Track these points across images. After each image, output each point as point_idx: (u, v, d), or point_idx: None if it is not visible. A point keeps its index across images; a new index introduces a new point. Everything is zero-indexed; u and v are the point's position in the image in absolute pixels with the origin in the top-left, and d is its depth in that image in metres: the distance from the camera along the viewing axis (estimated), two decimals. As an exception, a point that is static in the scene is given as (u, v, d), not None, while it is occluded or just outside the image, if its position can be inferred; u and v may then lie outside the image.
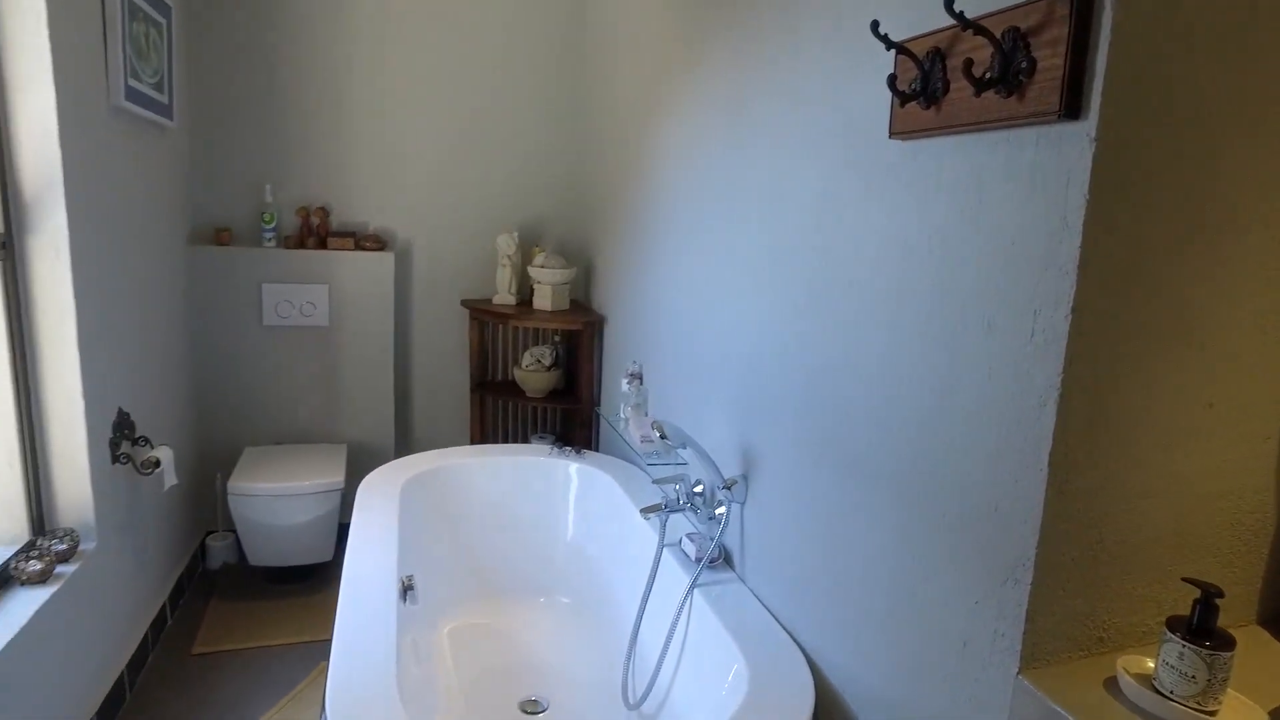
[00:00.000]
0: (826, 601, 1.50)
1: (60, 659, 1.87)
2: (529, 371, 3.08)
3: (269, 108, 3.04)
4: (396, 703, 1.33)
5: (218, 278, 3.00)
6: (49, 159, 1.88)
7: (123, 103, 2.21)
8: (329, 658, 1.46)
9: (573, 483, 2.57)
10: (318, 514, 2.79)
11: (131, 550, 2.35)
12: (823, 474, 1.50)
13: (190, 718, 2.23)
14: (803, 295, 1.57)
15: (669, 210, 2.33)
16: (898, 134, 1.24)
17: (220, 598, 2.87)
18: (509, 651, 2.27)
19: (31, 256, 1.91)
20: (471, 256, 3.34)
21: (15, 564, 1.84)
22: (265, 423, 3.15)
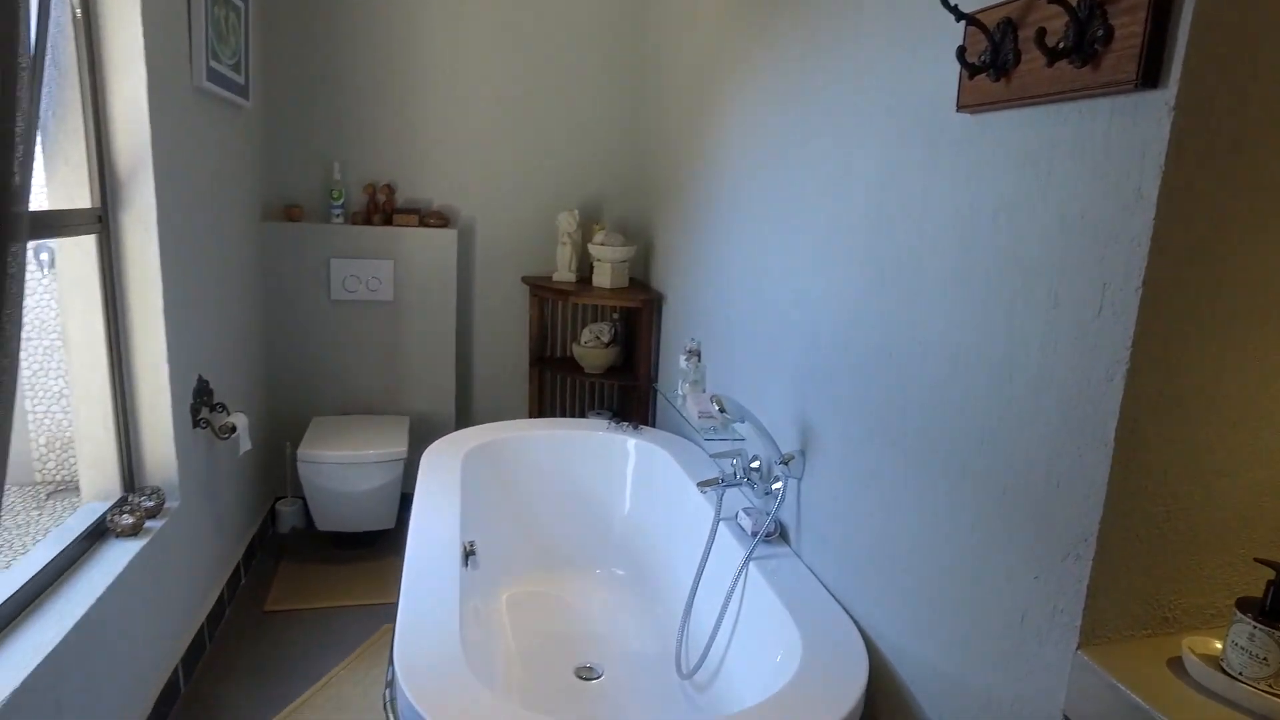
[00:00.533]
0: (882, 576, 1.50)
1: (150, 607, 1.99)
2: (587, 348, 3.12)
3: (338, 87, 3.12)
4: (461, 662, 1.38)
5: (288, 253, 3.11)
6: (140, 138, 1.97)
7: (204, 83, 2.30)
8: (394, 619, 1.52)
9: (630, 457, 2.60)
10: (382, 482, 2.89)
11: (210, 511, 2.48)
12: (881, 449, 1.50)
13: (264, 670, 2.35)
14: (864, 271, 1.57)
15: (729, 188, 2.33)
16: (965, 107, 1.22)
17: (289, 560, 3.00)
18: (565, 620, 2.33)
19: (123, 230, 2.02)
20: (532, 234, 3.39)
21: (111, 517, 1.95)
22: (332, 394, 3.26)
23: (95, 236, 1.96)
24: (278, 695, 2.24)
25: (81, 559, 1.86)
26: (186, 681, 2.25)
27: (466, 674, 1.34)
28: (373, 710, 2.18)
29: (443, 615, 1.53)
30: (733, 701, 1.71)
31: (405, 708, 1.29)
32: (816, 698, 1.33)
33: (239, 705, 2.19)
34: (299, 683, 2.30)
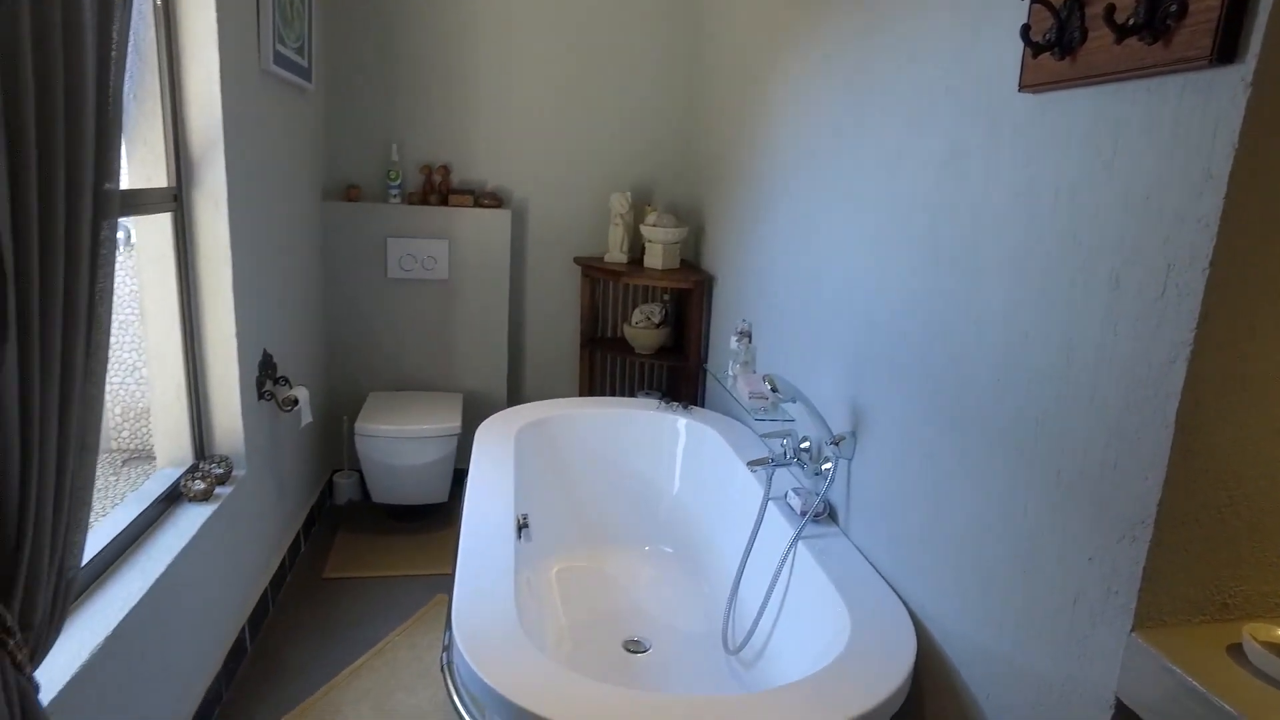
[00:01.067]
0: (932, 557, 1.51)
1: (219, 569, 2.08)
2: (638, 328, 3.15)
3: (397, 71, 3.18)
4: (516, 626, 1.43)
5: (347, 232, 3.19)
6: (212, 120, 2.05)
7: (271, 67, 2.37)
8: (447, 589, 1.58)
9: (680, 437, 2.63)
10: (436, 456, 2.96)
11: (273, 480, 2.57)
12: (935, 430, 1.50)
13: (323, 632, 2.44)
14: (922, 252, 1.56)
15: (783, 170, 2.33)
16: (1028, 87, 1.21)
17: (346, 530, 3.10)
18: (613, 594, 2.37)
19: (196, 209, 2.10)
20: (585, 215, 3.42)
21: (184, 482, 2.05)
22: (388, 370, 3.35)
23: (171, 215, 2.04)
24: (336, 658, 2.33)
25: (158, 521, 1.95)
26: (252, 641, 2.35)
27: (522, 639, 1.39)
28: (426, 675, 2.25)
29: (498, 584, 1.58)
30: (779, 677, 1.74)
31: (464, 671, 1.34)
32: (864, 674, 1.35)
33: (300, 665, 2.28)
34: (356, 647, 2.39)
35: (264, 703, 2.12)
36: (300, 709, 2.09)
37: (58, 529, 1.13)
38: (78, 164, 1.11)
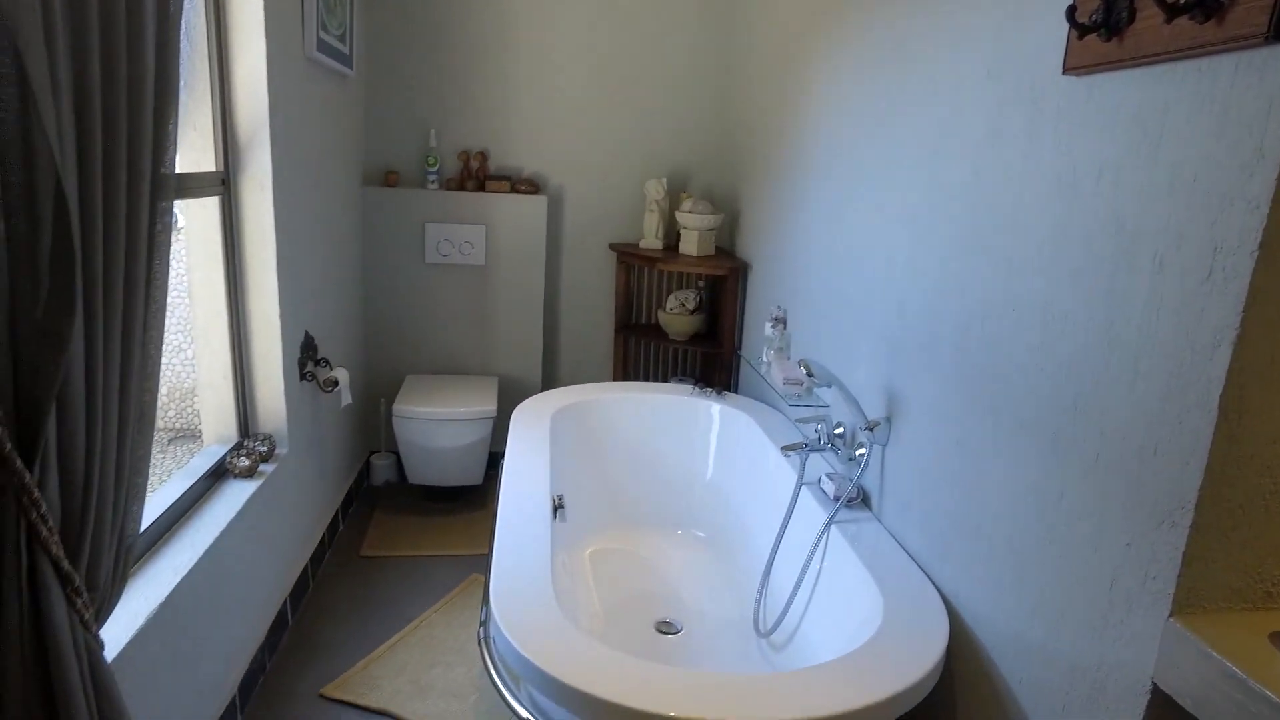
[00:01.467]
0: (965, 542, 1.51)
1: (263, 544, 2.14)
2: (673, 315, 3.16)
3: (436, 57, 3.21)
4: (553, 602, 1.46)
5: (386, 217, 3.24)
6: (259, 106, 2.09)
7: (314, 54, 2.41)
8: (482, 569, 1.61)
9: (714, 422, 2.64)
10: (472, 439, 3.01)
11: (314, 459, 2.63)
12: (971, 416, 1.50)
13: (361, 609, 2.50)
14: (959, 237, 1.55)
15: (818, 157, 2.32)
16: (1073, 69, 1.20)
17: (382, 511, 3.16)
18: (646, 576, 2.40)
19: (242, 193, 2.15)
20: (620, 202, 3.44)
21: (230, 459, 2.11)
22: (425, 353, 3.40)
23: (218, 199, 2.09)
24: (374, 633, 2.38)
25: (205, 495, 2.01)
26: (293, 614, 2.42)
27: (558, 614, 1.41)
28: (462, 652, 2.30)
29: (535, 560, 1.61)
30: (810, 660, 1.75)
31: (501, 643, 1.37)
32: (896, 656, 1.36)
33: (339, 639, 2.34)
34: (393, 623, 2.44)
35: (305, 674, 2.18)
36: (340, 681, 2.15)
37: (119, 497, 1.18)
38: (139, 149, 1.15)
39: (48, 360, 0.99)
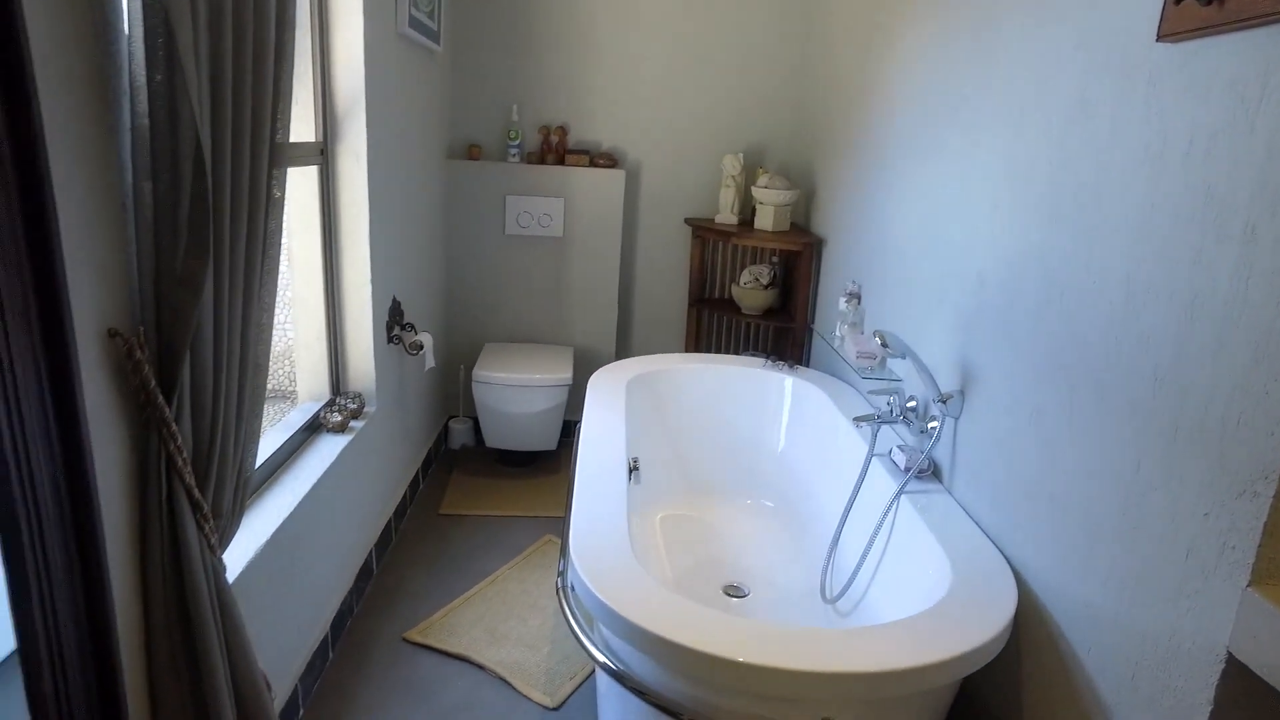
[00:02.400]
0: (1036, 513, 1.52)
1: (352, 496, 2.28)
2: (746, 289, 3.19)
3: (519, 33, 3.28)
4: (629, 552, 1.53)
5: (468, 189, 3.34)
6: (356, 80, 2.20)
7: (406, 30, 2.51)
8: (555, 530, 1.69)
9: (786, 395, 2.67)
10: (548, 406, 3.10)
11: (398, 419, 2.77)
12: (1045, 387, 1.50)
13: (440, 562, 2.63)
14: (1040, 209, 1.55)
15: (897, 131, 2.31)
16: (1168, 35, 1.19)
17: (460, 472, 3.29)
18: (714, 543, 2.46)
19: (339, 162, 2.26)
20: (696, 176, 3.47)
21: (323, 414, 2.24)
22: (502, 322, 3.51)
23: (317, 168, 2.21)
24: (452, 585, 2.51)
25: (301, 448, 2.15)
26: (378, 564, 2.56)
27: (634, 564, 1.48)
28: (535, 607, 2.40)
29: (613, 514, 1.68)
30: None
31: (580, 590, 1.44)
32: (963, 619, 1.38)
33: (420, 590, 2.47)
34: (469, 577, 2.56)
35: (389, 619, 2.31)
36: (421, 626, 2.28)
37: (239, 434, 1.29)
38: (261, 117, 1.25)
39: (185, 305, 1.09)
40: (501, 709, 1.99)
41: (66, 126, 0.96)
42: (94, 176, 1.03)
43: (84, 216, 1.01)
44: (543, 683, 2.08)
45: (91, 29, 1.01)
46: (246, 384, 1.31)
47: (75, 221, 0.98)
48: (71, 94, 0.98)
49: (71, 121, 0.98)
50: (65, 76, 0.96)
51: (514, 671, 2.11)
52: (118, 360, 1.10)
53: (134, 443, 1.15)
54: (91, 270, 1.03)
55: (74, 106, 0.98)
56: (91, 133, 1.02)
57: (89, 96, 1.01)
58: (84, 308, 1.01)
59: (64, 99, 0.96)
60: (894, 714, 1.39)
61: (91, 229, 1.03)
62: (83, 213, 1.01)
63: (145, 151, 1.06)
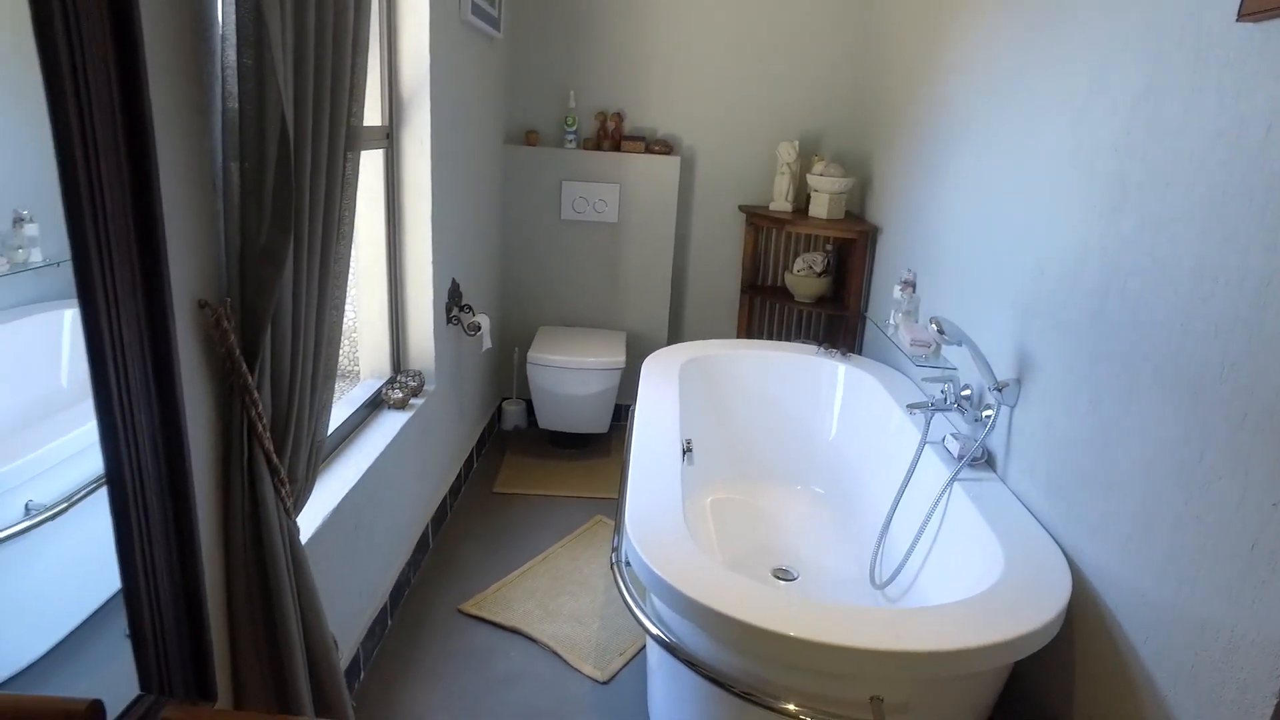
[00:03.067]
0: (1093, 503, 1.50)
1: (412, 471, 2.35)
2: (799, 277, 3.18)
3: (577, 20, 3.32)
4: (682, 527, 1.56)
5: (525, 174, 3.39)
6: (421, 66, 2.26)
7: (469, 17, 2.56)
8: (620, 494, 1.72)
9: (839, 383, 2.67)
10: (601, 388, 3.15)
11: (455, 398, 2.84)
12: (1106, 376, 1.49)
13: (494, 538, 2.70)
14: (1103, 197, 1.53)
15: (956, 118, 2.28)
16: (1251, 15, 1.16)
17: (513, 452, 3.36)
18: (764, 527, 2.48)
19: (403, 146, 2.33)
20: (751, 164, 3.46)
21: (385, 391, 2.32)
22: (557, 306, 3.57)
23: (383, 151, 2.28)
24: (505, 561, 2.57)
25: (364, 422, 2.23)
26: (434, 538, 2.64)
27: (688, 538, 1.52)
28: (586, 584, 2.46)
29: (667, 491, 1.71)
30: (926, 612, 1.79)
31: (635, 562, 1.48)
32: (1015, 604, 1.38)
33: (474, 564, 2.54)
34: (522, 553, 2.62)
35: (444, 591, 2.39)
36: (475, 600, 2.35)
37: (314, 403, 1.35)
38: (339, 100, 1.31)
39: (268, 278, 1.15)
40: (553, 680, 2.05)
41: (166, 109, 1.02)
42: (188, 157, 1.10)
43: (179, 194, 1.08)
44: (593, 657, 2.13)
45: (191, 15, 1.07)
46: (321, 355, 1.37)
47: (172, 199, 1.05)
48: (171, 78, 1.04)
49: (170, 104, 1.04)
50: (166, 62, 1.02)
51: (565, 645, 2.16)
52: (206, 330, 1.16)
53: (219, 408, 1.22)
54: (184, 245, 1.10)
55: (172, 89, 1.04)
56: (186, 115, 1.09)
57: (185, 80, 1.07)
58: (178, 280, 1.07)
59: (165, 82, 1.02)
60: (943, 696, 1.40)
61: (185, 206, 1.10)
62: (178, 191, 1.07)
63: (234, 132, 1.12)
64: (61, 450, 1.17)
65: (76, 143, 0.82)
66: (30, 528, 1.14)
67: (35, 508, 1.14)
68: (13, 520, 1.09)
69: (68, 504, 1.18)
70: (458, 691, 1.99)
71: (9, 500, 1.09)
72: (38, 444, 1.13)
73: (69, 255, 0.97)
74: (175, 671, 1.09)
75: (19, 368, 1.13)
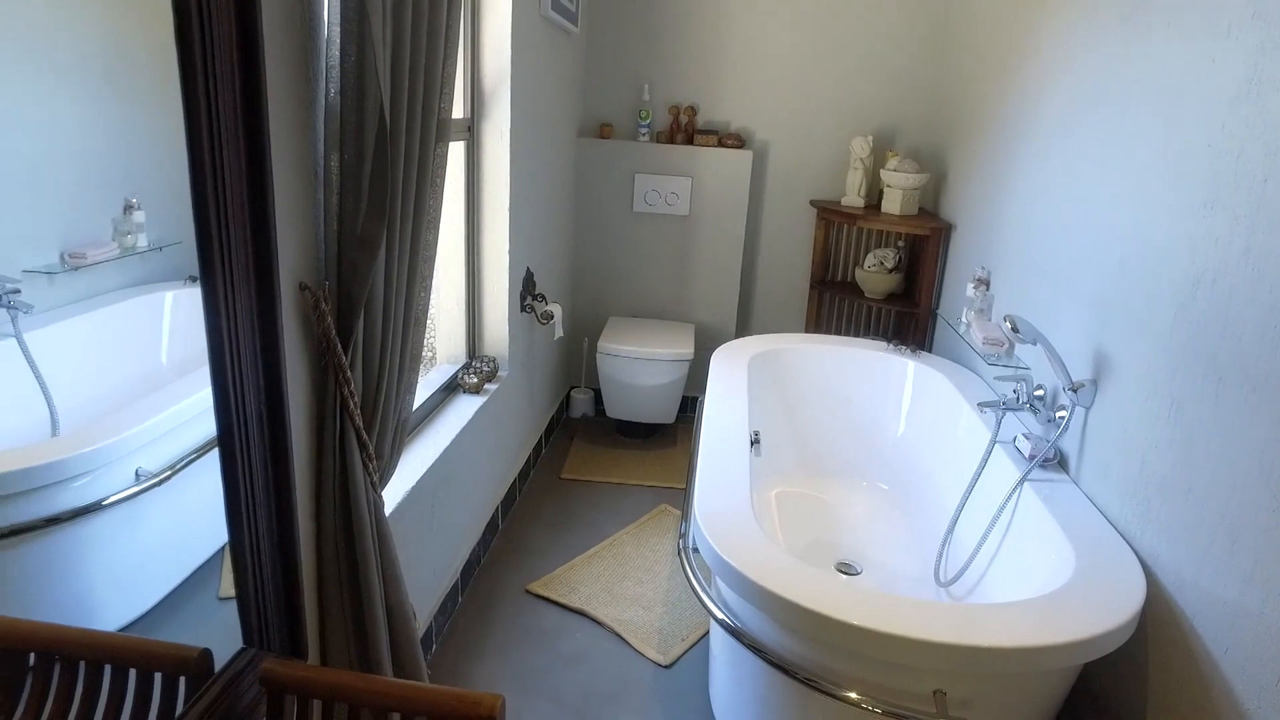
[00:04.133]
0: (1172, 506, 1.47)
1: (485, 454, 2.43)
2: (870, 272, 3.16)
3: (652, 14, 3.35)
4: (750, 514, 1.59)
5: (598, 167, 3.45)
6: (502, 61, 2.32)
7: (548, 12, 2.61)
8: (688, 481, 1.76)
9: (908, 380, 2.65)
10: (669, 379, 3.19)
11: (527, 385, 2.91)
12: (1190, 378, 1.45)
13: (560, 522, 2.77)
14: (1194, 195, 1.49)
15: (1038, 114, 2.24)
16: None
17: (580, 440, 3.43)
18: (828, 521, 2.48)
19: (484, 138, 2.40)
20: (823, 158, 3.45)
21: (461, 376, 2.40)
22: (626, 297, 3.62)
23: (464, 143, 2.36)
24: (571, 545, 2.64)
25: (440, 405, 2.31)
26: (503, 520, 2.72)
27: (755, 525, 1.54)
28: (651, 570, 2.50)
29: (735, 479, 1.74)
30: (993, 612, 1.77)
31: (704, 547, 1.52)
32: (1086, 606, 1.37)
33: (542, 547, 2.61)
34: (588, 538, 2.68)
35: (513, 571, 2.46)
36: (543, 580, 2.41)
37: (400, 384, 1.43)
38: (431, 95, 1.37)
39: (363, 263, 1.22)
40: (617, 661, 2.10)
41: (276, 102, 1.10)
42: (294, 148, 1.17)
43: (285, 183, 1.15)
44: (656, 641, 2.17)
45: (300, 12, 1.14)
46: (408, 338, 1.44)
47: (278, 188, 1.12)
48: (284, 72, 1.11)
49: (279, 98, 1.11)
50: (278, 57, 1.09)
51: (629, 628, 2.21)
52: (304, 311, 1.24)
53: (314, 385, 1.29)
54: (288, 231, 1.17)
55: (283, 84, 1.12)
56: (293, 108, 1.16)
57: (294, 75, 1.15)
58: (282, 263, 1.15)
59: (277, 76, 1.09)
60: (1007, 695, 1.39)
61: (290, 194, 1.17)
62: (284, 180, 1.15)
63: (335, 124, 1.19)
64: (167, 422, 1.27)
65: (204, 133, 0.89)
66: (139, 493, 1.24)
67: (144, 474, 1.24)
68: (125, 485, 1.19)
69: (171, 472, 1.28)
70: (525, 668, 2.06)
71: (121, 467, 1.19)
72: (145, 416, 1.23)
73: (171, 241, 1.06)
74: (273, 628, 1.17)
75: (127, 346, 1.23)
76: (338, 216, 1.22)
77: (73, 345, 1.13)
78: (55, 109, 0.97)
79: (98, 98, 1.00)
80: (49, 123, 0.97)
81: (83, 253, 1.08)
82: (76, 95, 0.97)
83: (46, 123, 0.96)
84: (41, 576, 1.10)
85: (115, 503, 1.18)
